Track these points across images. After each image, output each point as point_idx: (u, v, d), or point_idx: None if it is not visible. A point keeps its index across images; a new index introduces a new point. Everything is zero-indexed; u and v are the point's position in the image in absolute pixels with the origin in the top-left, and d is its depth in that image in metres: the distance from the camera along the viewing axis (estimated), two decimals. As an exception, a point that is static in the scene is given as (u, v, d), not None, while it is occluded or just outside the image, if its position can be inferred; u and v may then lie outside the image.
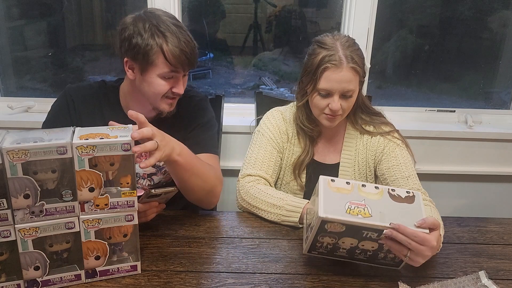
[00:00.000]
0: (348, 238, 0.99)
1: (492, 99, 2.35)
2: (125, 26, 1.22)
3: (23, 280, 0.95)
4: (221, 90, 2.47)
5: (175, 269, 1.06)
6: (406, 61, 2.33)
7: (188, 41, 1.21)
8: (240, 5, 2.40)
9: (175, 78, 1.24)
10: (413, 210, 0.99)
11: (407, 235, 0.94)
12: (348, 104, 1.28)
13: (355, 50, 1.25)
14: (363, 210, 0.96)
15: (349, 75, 1.23)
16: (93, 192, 0.93)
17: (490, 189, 2.24)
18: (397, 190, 1.02)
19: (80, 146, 0.89)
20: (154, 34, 1.19)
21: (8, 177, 0.86)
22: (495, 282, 1.03)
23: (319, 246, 1.03)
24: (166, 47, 1.18)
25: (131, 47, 1.20)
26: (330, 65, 1.22)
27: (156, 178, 1.41)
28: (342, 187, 1.01)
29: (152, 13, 1.23)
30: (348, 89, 1.25)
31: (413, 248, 0.95)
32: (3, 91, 2.23)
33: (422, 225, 0.95)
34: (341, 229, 0.97)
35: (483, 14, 2.20)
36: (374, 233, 0.97)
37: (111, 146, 0.91)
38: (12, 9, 2.15)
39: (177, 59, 1.19)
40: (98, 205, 0.95)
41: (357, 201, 0.98)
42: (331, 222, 0.95)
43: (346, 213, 0.96)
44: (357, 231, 0.97)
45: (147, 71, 1.22)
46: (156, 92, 1.25)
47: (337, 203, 0.97)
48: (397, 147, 1.36)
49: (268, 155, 1.38)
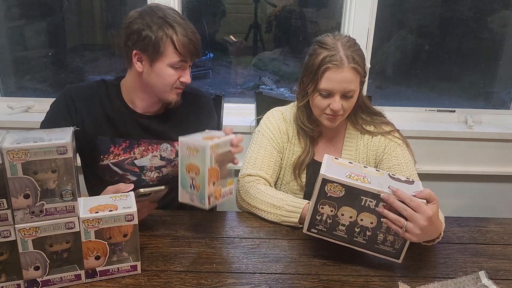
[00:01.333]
0: (347, 208, 1.02)
1: (492, 99, 2.35)
2: (132, 19, 1.26)
3: (23, 280, 0.95)
4: (221, 90, 2.48)
5: (175, 269, 1.06)
6: (406, 61, 2.33)
7: (194, 31, 1.28)
8: (240, 5, 2.40)
9: (182, 68, 1.29)
10: (411, 188, 1.03)
11: (404, 199, 0.98)
12: (349, 104, 1.28)
13: (356, 50, 1.25)
14: (363, 179, 1.01)
15: (350, 76, 1.23)
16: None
17: (490, 189, 2.24)
18: (397, 175, 1.08)
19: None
20: (163, 25, 1.24)
21: (8, 177, 0.86)
22: (495, 282, 1.03)
23: (319, 220, 1.05)
24: (176, 37, 1.24)
25: (141, 39, 1.24)
26: (331, 65, 1.22)
27: (165, 170, 1.44)
28: (345, 163, 1.09)
29: (156, 7, 1.28)
30: (349, 89, 1.25)
31: (409, 216, 0.98)
32: (3, 91, 2.23)
33: (418, 195, 0.99)
34: (340, 193, 1.00)
35: (483, 14, 2.20)
36: (372, 201, 1.00)
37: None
38: (12, 9, 2.16)
39: (187, 48, 1.25)
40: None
41: (357, 173, 1.04)
42: (331, 183, 0.99)
43: (347, 177, 1.01)
44: (356, 196, 1.00)
45: (157, 61, 1.26)
46: (166, 83, 1.29)
47: (339, 170, 1.03)
48: (398, 147, 1.36)
49: (268, 155, 1.38)
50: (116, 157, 1.38)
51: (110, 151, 1.37)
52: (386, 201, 0.99)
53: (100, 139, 1.36)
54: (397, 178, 1.06)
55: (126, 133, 1.38)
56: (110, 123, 1.36)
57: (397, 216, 0.99)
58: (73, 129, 0.94)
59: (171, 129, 1.40)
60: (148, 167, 1.41)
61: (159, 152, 1.41)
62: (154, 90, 1.32)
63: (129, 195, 1.03)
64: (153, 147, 1.40)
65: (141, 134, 1.39)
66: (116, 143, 1.37)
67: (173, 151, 1.42)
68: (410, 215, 0.98)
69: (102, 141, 1.36)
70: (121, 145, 1.38)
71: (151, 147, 1.40)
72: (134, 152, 1.39)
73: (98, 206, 0.98)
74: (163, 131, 1.40)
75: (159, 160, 1.41)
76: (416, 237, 1.00)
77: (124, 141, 1.38)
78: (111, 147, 1.37)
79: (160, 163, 1.42)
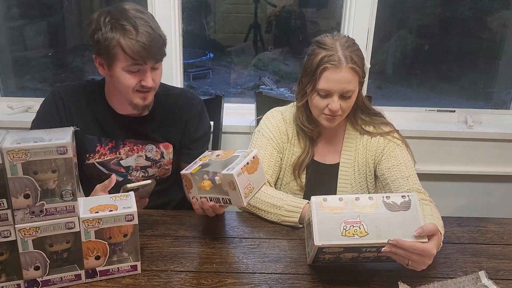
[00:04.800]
0: (348, 253, 1.01)
1: (492, 99, 2.35)
2: (90, 21, 1.23)
3: (23, 280, 0.95)
4: (221, 90, 2.48)
5: (175, 269, 1.06)
6: (406, 61, 2.33)
7: (148, 32, 1.18)
8: (240, 5, 2.40)
9: (141, 71, 1.23)
10: (410, 218, 0.98)
11: (406, 248, 0.95)
12: (347, 104, 1.28)
13: (354, 50, 1.25)
14: (359, 229, 0.96)
15: (348, 76, 1.23)
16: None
17: (490, 189, 2.24)
18: (392, 197, 1.01)
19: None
20: (112, 28, 1.17)
21: (8, 177, 0.86)
22: (495, 282, 1.03)
23: (322, 259, 1.05)
24: (123, 41, 1.17)
25: (94, 43, 1.21)
26: (329, 65, 1.22)
27: (151, 170, 1.42)
28: (335, 205, 1.00)
29: (118, 6, 1.22)
30: (348, 89, 1.25)
31: (414, 260, 0.97)
32: (3, 91, 2.23)
33: (420, 234, 0.96)
34: (339, 250, 0.98)
35: (483, 14, 2.20)
36: (373, 249, 0.98)
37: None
38: (12, 9, 2.15)
39: (136, 53, 1.17)
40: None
41: (352, 220, 0.97)
42: (328, 248, 0.97)
43: (342, 235, 0.96)
44: (356, 249, 0.98)
45: (112, 65, 1.22)
46: (124, 86, 1.24)
47: (332, 225, 0.97)
48: (397, 147, 1.35)
49: (268, 155, 1.38)
50: (102, 156, 1.37)
51: (96, 150, 1.37)
52: (387, 254, 0.97)
53: (87, 138, 1.36)
54: (393, 204, 1.00)
55: (111, 133, 1.37)
56: (97, 123, 1.36)
57: (400, 258, 0.98)
58: (73, 129, 0.94)
59: (155, 131, 1.39)
60: (133, 167, 1.41)
61: (144, 153, 1.40)
62: (121, 93, 1.29)
63: (129, 195, 1.03)
64: (138, 147, 1.39)
65: (125, 134, 1.38)
66: (102, 142, 1.37)
67: (158, 152, 1.40)
68: (415, 260, 0.97)
69: (88, 140, 1.36)
70: (107, 144, 1.37)
71: (136, 148, 1.39)
72: (119, 152, 1.38)
73: (98, 206, 0.98)
74: (147, 133, 1.39)
75: (145, 160, 1.40)
76: (421, 269, 1.00)
77: (111, 141, 1.37)
78: (97, 146, 1.37)
79: (146, 163, 1.41)
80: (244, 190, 1.03)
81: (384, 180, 1.34)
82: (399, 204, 1.00)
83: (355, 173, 1.40)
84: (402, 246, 0.95)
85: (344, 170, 1.40)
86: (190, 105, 1.43)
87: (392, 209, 0.99)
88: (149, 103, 1.31)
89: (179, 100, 1.42)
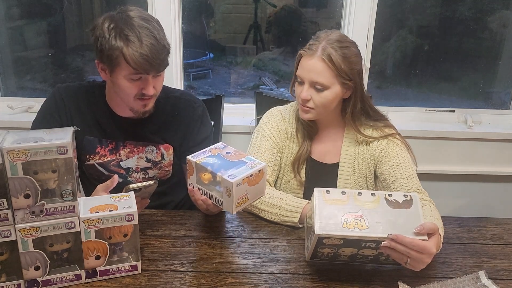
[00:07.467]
0: (347, 248, 1.00)
1: (492, 99, 2.35)
2: (94, 26, 1.22)
3: (23, 280, 0.95)
4: (221, 90, 2.48)
5: (175, 269, 1.06)
6: (406, 61, 2.33)
7: (152, 44, 1.17)
8: (240, 5, 2.40)
9: (143, 79, 1.22)
10: (411, 215, 0.98)
11: (406, 244, 0.95)
12: (320, 99, 1.26)
13: (340, 48, 1.23)
14: (360, 222, 0.96)
15: (319, 66, 1.22)
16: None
17: (490, 189, 2.24)
18: (394, 195, 1.02)
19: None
20: (116, 36, 1.16)
21: (9, 177, 0.86)
22: (495, 282, 1.03)
23: (320, 255, 1.04)
24: (126, 50, 1.16)
25: (98, 49, 1.21)
26: (303, 52, 1.26)
27: (151, 172, 1.42)
28: (338, 198, 1.00)
29: (123, 13, 1.20)
30: (317, 80, 1.24)
31: (413, 257, 0.96)
32: (3, 91, 2.23)
33: (420, 231, 0.96)
34: (339, 242, 0.98)
35: (483, 14, 2.20)
36: (372, 243, 0.97)
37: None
38: (12, 9, 2.16)
39: (138, 64, 1.17)
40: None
41: (353, 212, 0.98)
42: (328, 238, 0.96)
43: (343, 227, 0.96)
44: (355, 242, 0.98)
45: (114, 72, 1.22)
46: (125, 93, 1.25)
47: (333, 216, 0.97)
48: (397, 147, 1.35)
49: (267, 154, 1.38)
50: (102, 157, 1.37)
51: (96, 151, 1.37)
52: (386, 250, 0.97)
53: (87, 139, 1.36)
54: (395, 202, 1.00)
55: (112, 135, 1.37)
56: (97, 124, 1.36)
57: (399, 255, 0.97)
58: (73, 129, 0.94)
59: (155, 132, 1.39)
60: (134, 168, 1.40)
61: (144, 154, 1.39)
62: (122, 99, 1.29)
63: (130, 195, 1.03)
64: (138, 149, 1.39)
65: (126, 136, 1.38)
66: (102, 144, 1.37)
67: (158, 154, 1.40)
68: (414, 257, 0.96)
69: (89, 141, 1.36)
70: (107, 146, 1.37)
71: (137, 149, 1.39)
72: (119, 154, 1.38)
73: (98, 206, 0.98)
74: (147, 135, 1.39)
75: (145, 162, 1.40)
76: (420, 269, 1.00)
77: (111, 142, 1.37)
78: (97, 148, 1.37)
79: (146, 165, 1.41)
80: (237, 200, 1.03)
81: (384, 180, 1.34)
82: (401, 203, 1.00)
83: (354, 173, 1.40)
84: (401, 242, 0.94)
85: (343, 170, 1.40)
86: (191, 108, 1.42)
87: (393, 206, 1.00)
88: (150, 109, 1.32)
89: (180, 103, 1.41)
